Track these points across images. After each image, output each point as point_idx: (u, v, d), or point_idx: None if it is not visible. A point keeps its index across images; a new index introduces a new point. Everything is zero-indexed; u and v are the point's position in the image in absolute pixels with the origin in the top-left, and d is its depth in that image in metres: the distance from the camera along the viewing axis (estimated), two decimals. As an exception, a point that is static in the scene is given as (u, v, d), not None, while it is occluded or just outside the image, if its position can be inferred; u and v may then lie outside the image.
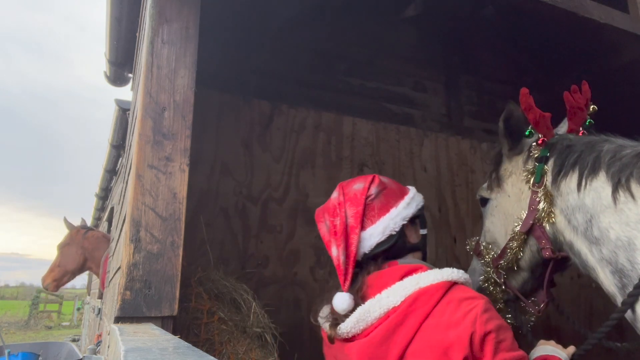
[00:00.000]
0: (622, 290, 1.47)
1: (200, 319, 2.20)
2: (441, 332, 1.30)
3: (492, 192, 2.03)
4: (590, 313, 4.66)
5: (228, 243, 3.42)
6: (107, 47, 3.48)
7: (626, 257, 1.45)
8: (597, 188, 1.59)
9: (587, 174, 1.62)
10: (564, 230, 1.71)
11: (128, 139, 3.80)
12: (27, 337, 17.11)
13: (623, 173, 1.51)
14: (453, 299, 1.34)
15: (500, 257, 1.91)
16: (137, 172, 1.74)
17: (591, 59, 3.88)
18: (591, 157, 1.64)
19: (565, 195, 1.70)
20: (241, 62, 3.80)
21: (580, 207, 1.63)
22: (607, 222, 1.53)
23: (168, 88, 1.87)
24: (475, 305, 1.31)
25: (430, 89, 4.78)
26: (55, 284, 5.47)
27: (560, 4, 2.76)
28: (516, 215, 1.86)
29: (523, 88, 1.81)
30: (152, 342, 1.17)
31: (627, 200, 1.49)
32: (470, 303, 1.32)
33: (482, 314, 1.29)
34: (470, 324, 1.27)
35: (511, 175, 1.95)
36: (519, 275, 1.94)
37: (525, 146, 1.94)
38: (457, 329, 1.28)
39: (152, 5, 1.92)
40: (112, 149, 6.71)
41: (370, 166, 4.14)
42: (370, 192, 1.55)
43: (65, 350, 7.32)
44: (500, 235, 1.95)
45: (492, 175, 2.05)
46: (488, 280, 1.97)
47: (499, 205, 1.99)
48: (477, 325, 1.27)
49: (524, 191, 1.86)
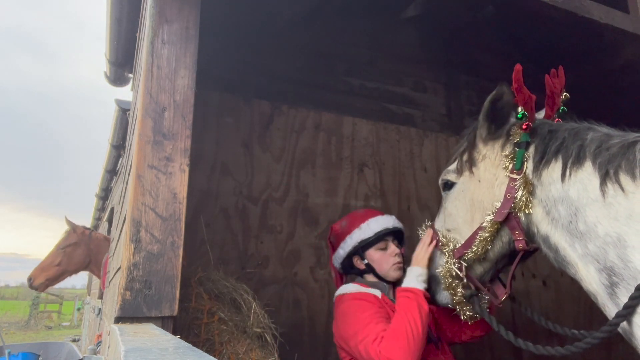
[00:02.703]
0: (610, 288, 1.39)
1: (200, 319, 2.20)
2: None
3: (460, 175, 1.88)
4: (591, 313, 4.66)
5: (228, 243, 3.42)
6: (107, 47, 3.48)
7: (617, 255, 1.37)
8: (582, 179, 1.50)
9: (572, 163, 1.53)
10: (540, 222, 1.61)
11: (128, 139, 3.80)
12: (27, 337, 17.10)
13: (611, 164, 1.42)
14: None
15: (465, 247, 1.77)
16: (137, 172, 1.74)
17: (591, 59, 3.88)
18: (575, 146, 1.54)
19: (547, 186, 1.60)
20: (241, 62, 3.80)
21: (564, 199, 1.53)
22: (595, 217, 1.44)
23: (168, 88, 1.87)
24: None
25: (430, 89, 4.78)
26: (47, 284, 5.29)
27: (560, 4, 2.76)
28: (487, 202, 1.73)
29: (517, 64, 1.68)
30: (152, 342, 1.17)
31: (617, 193, 1.40)
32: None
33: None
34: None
35: (484, 159, 1.81)
36: (481, 266, 1.82)
37: (503, 131, 1.80)
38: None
39: (152, 6, 1.92)
40: (112, 149, 6.71)
41: (370, 166, 4.14)
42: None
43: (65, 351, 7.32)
44: (466, 222, 1.81)
45: (462, 158, 1.89)
46: (448, 272, 1.83)
47: (466, 190, 1.83)
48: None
49: (498, 177, 1.73)
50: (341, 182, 3.97)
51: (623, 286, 1.35)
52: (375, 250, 2.20)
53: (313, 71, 4.15)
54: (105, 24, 3.23)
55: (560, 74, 1.82)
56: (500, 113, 1.76)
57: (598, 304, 1.48)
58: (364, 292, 2.10)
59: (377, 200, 4.09)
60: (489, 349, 4.18)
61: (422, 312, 1.84)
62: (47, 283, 5.29)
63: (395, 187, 4.23)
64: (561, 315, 4.60)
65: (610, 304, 1.41)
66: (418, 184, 4.33)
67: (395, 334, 1.78)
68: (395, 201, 4.19)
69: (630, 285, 1.33)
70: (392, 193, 4.19)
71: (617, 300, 1.37)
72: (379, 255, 2.20)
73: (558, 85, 1.80)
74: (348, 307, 2.05)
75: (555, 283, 4.64)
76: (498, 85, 1.69)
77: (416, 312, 1.82)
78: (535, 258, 1.82)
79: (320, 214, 3.79)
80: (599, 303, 1.47)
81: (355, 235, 2.21)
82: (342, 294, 2.17)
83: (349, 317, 2.00)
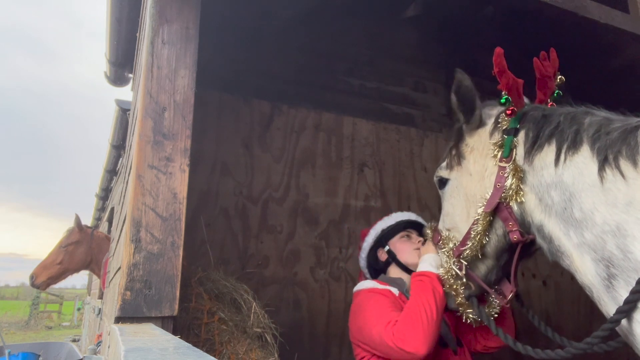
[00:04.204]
0: (607, 281, 1.30)
1: (200, 319, 2.20)
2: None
3: (452, 171, 1.82)
4: (591, 314, 4.66)
5: (228, 243, 3.42)
6: (108, 48, 3.49)
7: (616, 244, 1.28)
8: (578, 163, 1.41)
9: (567, 148, 1.44)
10: (534, 210, 1.54)
11: (128, 139, 3.80)
12: (27, 337, 17.10)
13: (611, 150, 1.34)
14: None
15: (462, 244, 1.71)
16: (137, 172, 1.74)
17: (591, 59, 3.88)
18: (572, 130, 1.46)
19: (539, 171, 1.52)
20: (241, 62, 3.80)
21: (558, 184, 1.45)
22: (591, 203, 1.35)
23: (168, 88, 1.87)
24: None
25: (431, 89, 4.78)
26: (48, 283, 5.31)
27: (560, 4, 2.76)
28: (479, 195, 1.67)
29: (497, 48, 1.64)
30: (153, 342, 1.17)
31: (616, 179, 1.31)
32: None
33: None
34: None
35: (473, 151, 1.75)
36: (484, 264, 1.75)
37: (487, 117, 1.75)
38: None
39: (152, 6, 1.92)
40: (112, 149, 6.71)
41: (371, 166, 4.14)
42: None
43: (65, 351, 7.33)
44: (462, 219, 1.75)
45: (451, 152, 1.84)
46: (449, 272, 1.78)
47: (459, 185, 1.78)
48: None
49: (488, 167, 1.67)
50: (341, 182, 3.97)
51: (622, 278, 1.27)
52: (399, 238, 2.24)
53: (313, 71, 4.15)
54: (105, 24, 3.23)
55: (553, 56, 1.75)
56: (466, 98, 1.71)
57: (593, 298, 1.40)
58: (380, 288, 2.09)
59: (377, 200, 4.09)
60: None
61: (436, 296, 1.79)
62: (48, 281, 5.31)
63: (395, 187, 4.23)
64: (561, 316, 4.60)
65: (606, 297, 1.33)
66: (418, 184, 4.33)
67: (409, 317, 1.74)
68: (395, 201, 4.19)
69: (631, 278, 1.25)
70: (392, 193, 4.19)
71: (615, 293, 1.29)
72: (401, 243, 2.22)
73: (550, 68, 1.73)
74: (362, 300, 2.06)
75: (556, 283, 4.64)
76: (454, 74, 1.68)
77: (430, 295, 1.79)
78: (536, 258, 1.78)
79: (320, 214, 3.79)
80: (594, 297, 1.39)
81: (378, 226, 2.30)
82: (359, 290, 2.18)
83: (363, 309, 2.00)
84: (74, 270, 5.48)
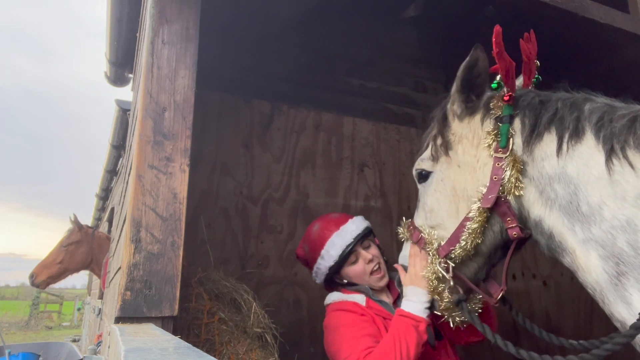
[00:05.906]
0: (616, 278, 1.23)
1: (200, 319, 2.20)
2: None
3: (436, 163, 1.65)
4: (591, 314, 4.66)
5: (228, 243, 3.42)
6: (108, 48, 3.49)
7: (626, 240, 1.20)
8: (582, 154, 1.32)
9: (569, 137, 1.35)
10: (533, 204, 1.43)
11: (128, 139, 3.80)
12: (27, 337, 17.11)
13: (617, 139, 1.25)
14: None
15: (451, 244, 1.56)
16: (137, 172, 1.75)
17: (591, 59, 3.88)
18: (572, 117, 1.36)
19: (539, 162, 1.41)
20: (241, 63, 3.80)
21: (561, 176, 1.36)
22: (599, 196, 1.26)
23: (168, 88, 1.87)
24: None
25: (431, 89, 4.78)
26: (48, 282, 5.32)
27: (560, 4, 2.76)
28: (469, 189, 1.52)
29: (497, 26, 1.46)
30: (153, 342, 1.17)
31: (625, 170, 1.23)
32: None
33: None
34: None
35: (462, 140, 1.59)
36: (474, 263, 1.60)
37: (480, 104, 1.58)
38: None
39: (153, 6, 1.92)
40: (112, 149, 6.71)
41: (371, 166, 4.14)
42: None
43: (65, 351, 7.33)
44: (450, 215, 1.59)
45: (436, 142, 1.65)
46: (433, 274, 1.62)
47: (445, 179, 1.61)
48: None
49: (480, 158, 1.53)
50: (341, 182, 3.97)
51: (632, 276, 1.19)
52: (348, 267, 2.11)
53: (313, 71, 4.15)
54: (105, 24, 3.23)
55: (532, 38, 1.61)
56: (476, 82, 1.54)
57: (595, 297, 1.32)
58: (345, 301, 2.06)
59: (377, 200, 4.09)
60: (489, 350, 4.18)
61: (419, 343, 1.70)
62: (48, 281, 5.32)
63: (395, 187, 4.23)
64: (561, 316, 4.60)
65: (611, 296, 1.25)
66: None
67: (381, 355, 1.69)
68: (396, 201, 4.19)
69: None
70: (392, 193, 4.20)
71: (624, 292, 1.21)
72: (352, 270, 2.11)
73: (533, 51, 1.59)
74: (329, 321, 2.05)
75: (556, 283, 4.63)
76: (473, 49, 1.47)
77: (412, 339, 1.69)
78: (536, 258, 1.75)
79: (320, 214, 3.78)
80: (597, 295, 1.31)
81: (322, 265, 2.15)
82: (327, 305, 2.17)
83: (331, 333, 1.98)
84: (74, 270, 5.48)
